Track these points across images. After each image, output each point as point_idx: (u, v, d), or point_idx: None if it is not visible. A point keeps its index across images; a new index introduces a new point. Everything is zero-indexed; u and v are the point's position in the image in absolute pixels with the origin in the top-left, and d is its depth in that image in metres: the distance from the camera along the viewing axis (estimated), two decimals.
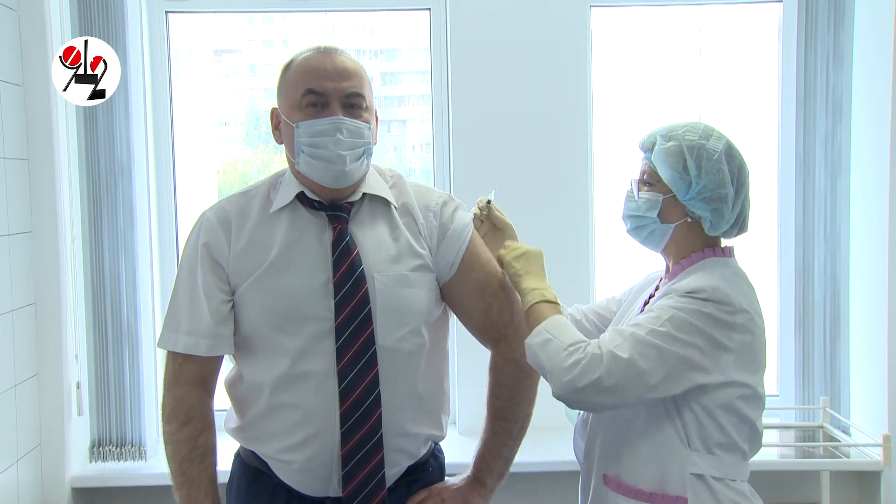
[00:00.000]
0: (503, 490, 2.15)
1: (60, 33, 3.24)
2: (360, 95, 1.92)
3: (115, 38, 3.28)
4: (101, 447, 3.42)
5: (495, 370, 2.04)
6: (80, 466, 3.39)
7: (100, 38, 3.23)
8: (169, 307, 1.99)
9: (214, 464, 1.98)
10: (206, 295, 1.93)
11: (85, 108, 3.30)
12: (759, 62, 3.85)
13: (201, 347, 1.93)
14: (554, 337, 1.85)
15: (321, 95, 1.88)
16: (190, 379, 1.96)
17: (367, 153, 1.94)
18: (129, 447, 3.40)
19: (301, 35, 3.96)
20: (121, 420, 3.40)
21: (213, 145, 4.02)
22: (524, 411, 2.06)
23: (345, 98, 1.90)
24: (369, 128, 1.94)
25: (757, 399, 1.87)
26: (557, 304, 1.95)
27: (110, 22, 3.29)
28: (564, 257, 3.48)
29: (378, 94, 3.85)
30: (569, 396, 1.82)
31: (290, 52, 1.99)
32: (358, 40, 3.93)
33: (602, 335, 1.89)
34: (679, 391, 1.81)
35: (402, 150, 4.04)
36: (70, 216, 3.30)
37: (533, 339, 1.88)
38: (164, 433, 1.97)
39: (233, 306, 1.94)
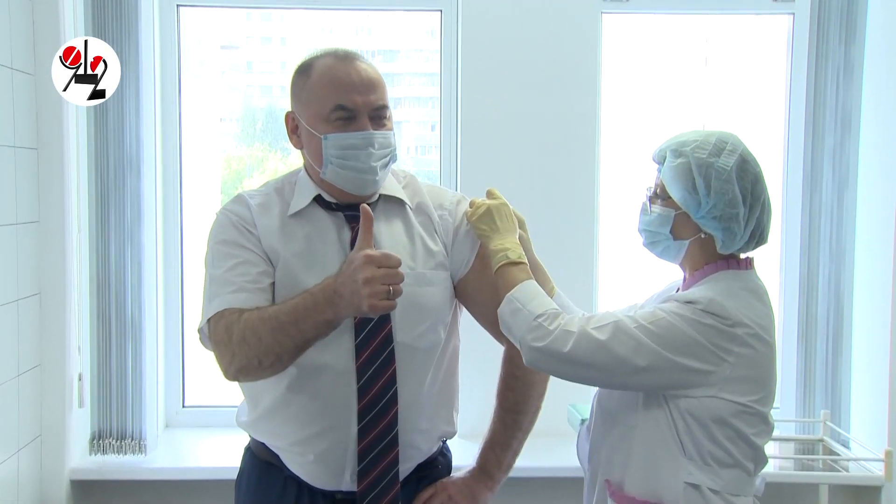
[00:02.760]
0: (504, 495, 2.20)
1: (73, 23, 3.29)
2: (386, 107, 1.99)
3: (128, 31, 3.33)
4: (101, 440, 3.46)
5: (510, 363, 2.11)
6: (80, 459, 3.43)
7: (112, 30, 3.31)
8: (205, 289, 1.99)
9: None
10: (249, 262, 1.95)
11: None
12: (766, 74, 3.91)
13: (240, 298, 1.90)
14: (523, 307, 1.92)
15: (351, 110, 1.94)
16: None
17: (393, 159, 2.01)
18: (129, 441, 3.44)
19: (299, 33, 4.00)
20: (122, 413, 3.44)
21: (215, 141, 4.05)
22: (535, 404, 2.13)
23: (373, 111, 1.96)
24: (394, 135, 2.00)
25: (757, 417, 1.89)
26: (523, 262, 2.00)
27: (123, 13, 3.33)
28: (569, 262, 3.52)
29: None
30: (538, 365, 1.91)
31: (287, 50, 2.03)
32: (356, 40, 3.97)
33: (586, 314, 1.96)
34: (663, 387, 1.86)
35: (397, 152, 4.07)
36: (77, 207, 3.34)
37: (504, 308, 1.95)
38: (236, 345, 1.85)
39: (273, 284, 1.97)
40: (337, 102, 1.94)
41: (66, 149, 3.27)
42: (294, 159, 3.79)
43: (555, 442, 3.10)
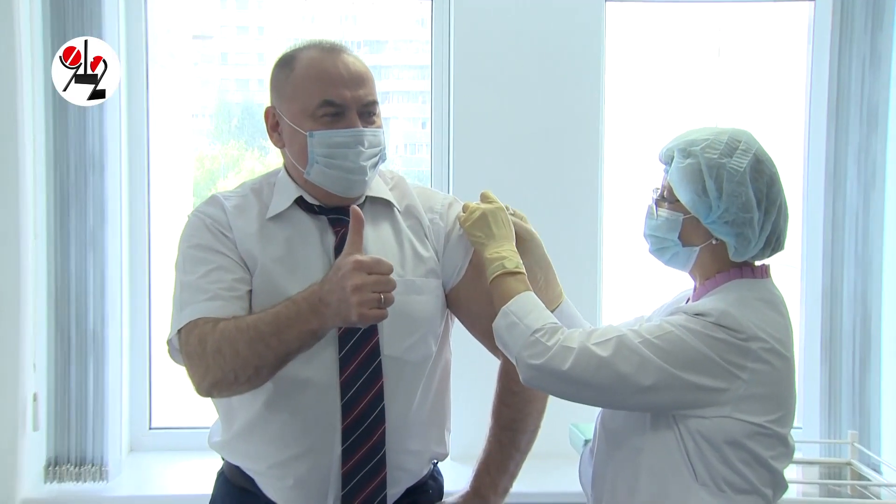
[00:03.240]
0: None
1: (29, 10, 3.27)
2: (376, 103, 1.99)
3: (90, 19, 3.30)
4: (57, 466, 3.41)
5: (506, 377, 2.10)
6: (33, 487, 3.38)
7: (72, 17, 3.29)
8: (175, 297, 1.97)
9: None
10: (224, 268, 1.94)
11: (54, 95, 3.31)
12: (785, 65, 3.90)
13: (214, 307, 1.89)
14: (519, 321, 1.90)
15: (339, 106, 1.94)
16: None
17: (382, 159, 2.01)
18: (90, 467, 3.39)
19: (278, 22, 3.98)
20: (81, 437, 3.39)
21: (186, 138, 4.05)
22: (534, 423, 2.12)
23: (362, 107, 1.96)
24: (383, 132, 2.01)
25: (774, 439, 1.88)
26: (521, 272, 1.99)
27: (85, 1, 3.32)
28: (571, 269, 3.48)
29: None
30: (535, 384, 1.90)
31: (265, 41, 2.04)
32: (340, 30, 3.96)
33: (589, 327, 1.95)
34: (671, 407, 1.85)
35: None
36: (34, 211, 3.30)
37: (499, 322, 1.94)
38: (210, 357, 1.84)
39: (250, 293, 1.96)
40: (324, 97, 1.94)
41: (22, 147, 3.23)
42: (273, 159, 3.79)
43: (555, 464, 3.09)
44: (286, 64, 2.01)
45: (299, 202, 2.02)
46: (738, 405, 1.83)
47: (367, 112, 1.98)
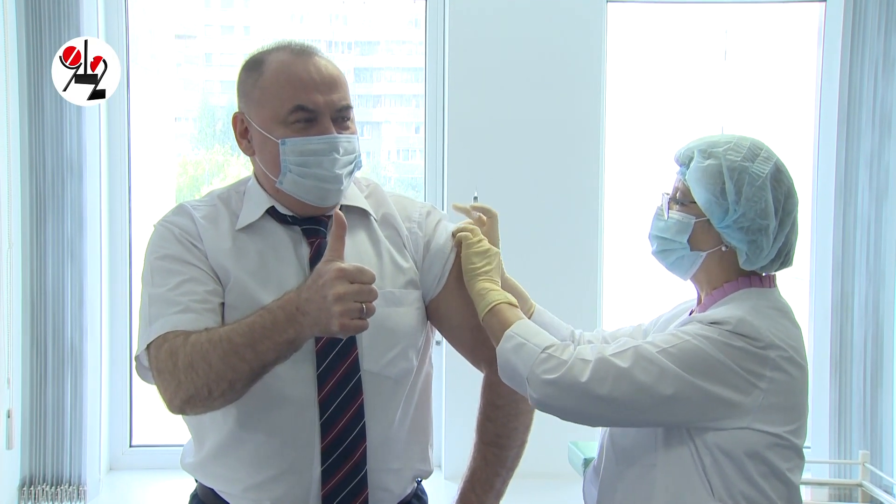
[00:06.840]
0: None
1: (3, 12, 3.25)
2: (350, 108, 1.97)
3: (68, 17, 3.31)
4: (32, 486, 3.39)
5: (490, 390, 2.07)
6: None
7: (49, 16, 3.29)
8: (142, 311, 1.94)
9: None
10: (195, 280, 1.91)
11: (30, 96, 3.31)
12: (793, 68, 3.90)
13: (186, 319, 1.86)
14: (527, 341, 1.89)
15: (312, 112, 1.92)
16: None
17: (357, 166, 1.99)
18: (67, 486, 3.38)
19: (264, 22, 3.99)
20: (58, 455, 3.38)
21: (169, 143, 4.04)
22: (520, 437, 2.10)
23: (336, 112, 1.94)
24: (358, 139, 1.98)
25: (792, 450, 1.87)
26: (517, 307, 1.99)
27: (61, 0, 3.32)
28: (570, 279, 3.50)
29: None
30: (550, 402, 1.87)
31: (251, 41, 2.01)
32: (329, 31, 3.97)
33: (601, 345, 1.93)
34: (692, 419, 1.84)
35: (377, 156, 4.06)
36: (8, 217, 3.29)
37: (504, 346, 1.92)
38: (182, 372, 1.80)
39: (223, 306, 1.93)
40: (296, 103, 1.92)
41: None
42: None
43: (553, 484, 3.07)
44: (254, 67, 1.99)
45: (271, 212, 2.00)
46: (757, 415, 1.83)
47: (340, 117, 1.95)
